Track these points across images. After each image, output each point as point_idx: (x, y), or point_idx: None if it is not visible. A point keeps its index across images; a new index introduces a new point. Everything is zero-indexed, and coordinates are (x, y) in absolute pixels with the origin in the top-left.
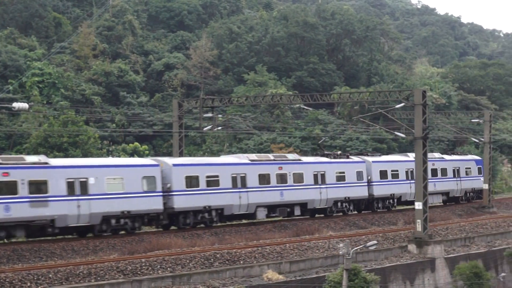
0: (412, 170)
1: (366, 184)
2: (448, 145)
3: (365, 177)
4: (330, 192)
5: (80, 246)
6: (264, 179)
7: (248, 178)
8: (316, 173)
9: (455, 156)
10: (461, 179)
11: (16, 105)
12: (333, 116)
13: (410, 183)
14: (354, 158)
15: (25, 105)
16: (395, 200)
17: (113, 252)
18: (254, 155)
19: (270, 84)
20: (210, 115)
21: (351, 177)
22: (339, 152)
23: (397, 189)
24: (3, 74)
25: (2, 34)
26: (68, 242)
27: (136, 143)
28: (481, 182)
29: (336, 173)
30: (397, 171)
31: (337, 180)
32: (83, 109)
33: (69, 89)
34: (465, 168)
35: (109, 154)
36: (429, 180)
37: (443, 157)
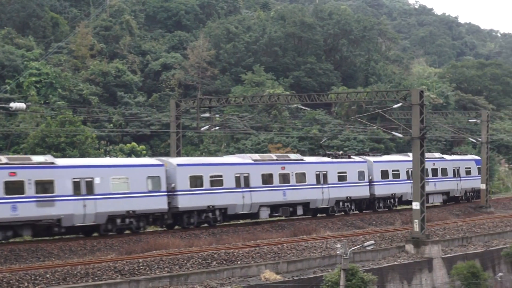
0: None
1: (368, 184)
2: (446, 145)
3: (367, 177)
4: (332, 192)
5: (78, 246)
6: (267, 179)
7: (251, 178)
8: (318, 173)
9: (455, 156)
10: (461, 179)
11: (14, 105)
12: (331, 116)
13: (411, 183)
14: (356, 158)
15: (23, 105)
16: (396, 200)
17: (111, 252)
18: (257, 155)
19: (268, 84)
20: (208, 115)
21: (353, 177)
22: (341, 152)
23: (398, 189)
24: (1, 74)
25: (0, 34)
26: (66, 242)
27: (134, 143)
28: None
29: (338, 173)
30: (398, 171)
31: (339, 180)
32: (81, 109)
33: (67, 89)
34: (465, 168)
35: (106, 154)
36: (430, 180)
37: (444, 157)
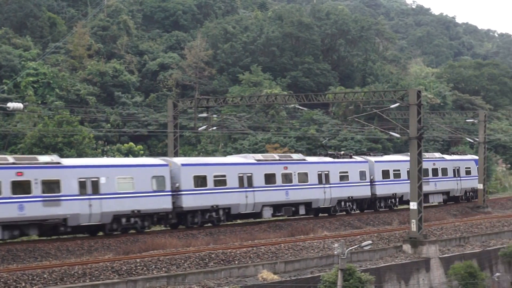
0: None
1: (369, 184)
2: (443, 145)
3: (368, 177)
4: (334, 192)
5: (75, 246)
6: (270, 179)
7: (254, 178)
8: (320, 173)
9: (455, 156)
10: (461, 179)
11: (11, 105)
12: (328, 116)
13: None
14: (357, 158)
15: (20, 105)
16: (397, 200)
17: (108, 252)
18: (260, 155)
19: (265, 84)
20: (205, 115)
21: (354, 177)
22: (342, 152)
23: (399, 189)
24: None
25: None
26: (63, 242)
27: (131, 143)
28: None
29: (340, 173)
30: (399, 171)
31: (341, 180)
32: (78, 109)
33: (64, 89)
34: (465, 168)
35: (104, 154)
36: (430, 180)
37: (444, 157)
